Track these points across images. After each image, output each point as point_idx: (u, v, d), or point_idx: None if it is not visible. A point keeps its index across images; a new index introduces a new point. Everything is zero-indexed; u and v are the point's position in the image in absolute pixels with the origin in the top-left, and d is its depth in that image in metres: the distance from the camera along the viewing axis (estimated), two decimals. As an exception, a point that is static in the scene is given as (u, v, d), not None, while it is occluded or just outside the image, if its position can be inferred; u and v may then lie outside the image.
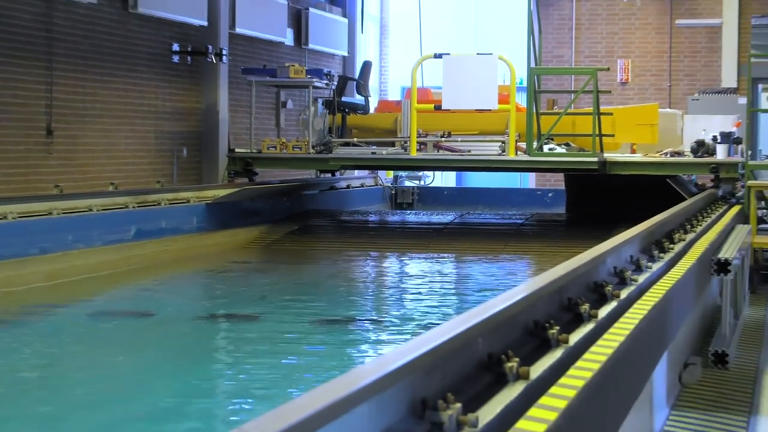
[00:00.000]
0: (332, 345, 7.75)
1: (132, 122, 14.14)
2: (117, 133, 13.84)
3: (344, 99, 15.60)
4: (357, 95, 16.34)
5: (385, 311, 9.50)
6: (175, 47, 14.97)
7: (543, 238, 13.75)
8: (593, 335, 3.78)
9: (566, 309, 4.06)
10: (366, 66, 16.70)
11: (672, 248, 6.73)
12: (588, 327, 3.90)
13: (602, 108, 13.90)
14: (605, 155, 13.59)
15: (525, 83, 14.03)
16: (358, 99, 16.20)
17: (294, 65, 14.99)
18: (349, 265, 12.43)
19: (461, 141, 14.27)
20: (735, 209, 11.22)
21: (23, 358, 7.33)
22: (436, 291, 10.53)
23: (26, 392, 6.35)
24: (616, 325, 3.96)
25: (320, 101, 15.13)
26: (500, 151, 13.81)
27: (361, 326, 8.65)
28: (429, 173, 19.20)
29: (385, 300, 10.22)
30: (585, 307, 4.06)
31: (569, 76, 21.28)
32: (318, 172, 16.75)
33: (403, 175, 19.24)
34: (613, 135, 14.15)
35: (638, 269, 5.60)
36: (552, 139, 14.18)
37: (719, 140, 13.48)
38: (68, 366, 7.14)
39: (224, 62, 15.55)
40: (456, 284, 11.36)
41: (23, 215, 9.85)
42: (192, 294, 10.61)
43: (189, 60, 15.26)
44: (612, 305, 4.40)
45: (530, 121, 13.48)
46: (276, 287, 10.57)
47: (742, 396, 6.33)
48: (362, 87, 16.03)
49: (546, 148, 13.82)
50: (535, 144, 13.48)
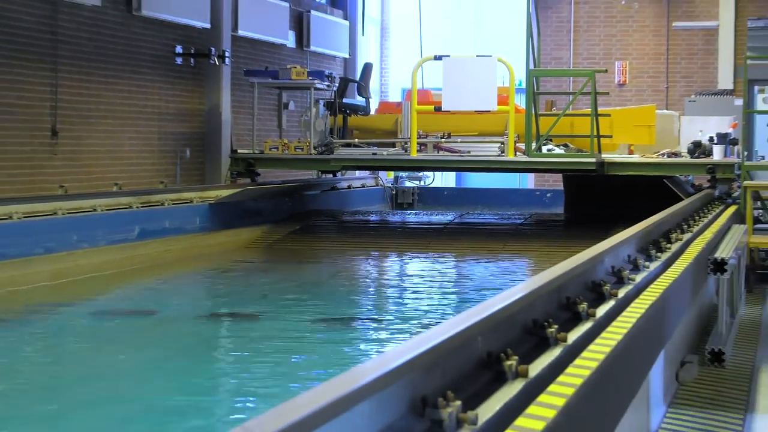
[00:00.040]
0: (333, 343, 7.75)
1: (136, 123, 14.12)
2: (121, 134, 13.81)
3: (345, 100, 15.53)
4: (358, 97, 16.32)
5: (386, 310, 9.51)
6: (179, 49, 14.95)
7: (542, 238, 13.74)
8: (591, 334, 3.78)
9: (565, 308, 4.06)
10: (367, 68, 16.64)
11: (669, 248, 6.72)
12: (586, 326, 3.91)
13: (600, 109, 13.92)
14: (603, 156, 13.58)
15: (524, 85, 14.00)
16: (359, 100, 16.18)
17: (296, 67, 14.97)
18: (350, 265, 12.44)
19: (461, 142, 14.23)
20: (731, 209, 11.24)
21: (27, 357, 7.33)
22: (436, 290, 10.53)
23: (28, 390, 6.34)
24: (614, 324, 3.95)
25: (322, 103, 15.05)
26: (499, 152, 13.81)
27: (362, 325, 8.65)
28: (429, 174, 19.12)
29: (386, 299, 10.23)
30: (583, 306, 4.07)
31: (568, 78, 21.12)
32: (319, 173, 16.76)
33: (404, 176, 19.15)
34: (611, 136, 14.14)
35: (636, 269, 5.58)
36: (550, 140, 14.17)
37: (716, 141, 13.50)
38: (71, 364, 7.12)
39: (227, 64, 15.52)
40: (455, 283, 11.31)
41: (28, 215, 9.87)
42: (194, 293, 10.62)
43: (192, 62, 15.23)
44: (610, 304, 4.40)
45: (529, 123, 13.50)
46: (278, 286, 10.59)
47: (739, 394, 6.34)
48: (363, 88, 15.98)
49: (545, 149, 13.81)
50: (534, 145, 13.48)
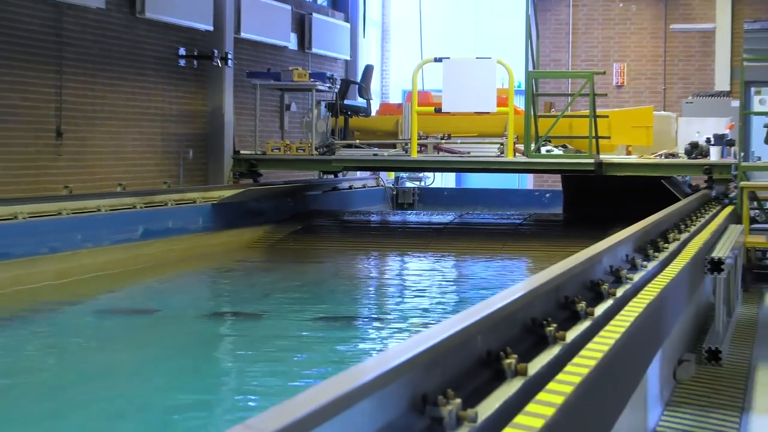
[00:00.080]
0: (334, 342, 7.75)
1: (139, 125, 14.16)
2: (125, 135, 13.86)
3: (347, 102, 15.56)
4: (359, 98, 16.31)
5: (387, 309, 9.50)
6: (182, 51, 14.99)
7: (540, 238, 13.75)
8: (590, 332, 3.79)
9: (563, 307, 4.07)
10: (368, 69, 16.64)
11: (666, 248, 6.72)
12: (585, 324, 3.91)
13: (598, 111, 13.93)
14: (601, 157, 13.60)
15: (523, 86, 13.98)
16: (360, 102, 16.18)
17: (297, 69, 14.95)
18: (352, 264, 12.45)
19: (461, 143, 14.23)
20: (728, 209, 11.27)
21: (30, 354, 7.33)
22: (436, 289, 10.53)
23: (31, 387, 6.36)
24: (612, 323, 3.96)
25: (323, 104, 15.06)
26: (499, 153, 13.82)
27: (363, 323, 8.67)
28: (429, 174, 19.11)
29: (387, 298, 10.23)
30: (582, 305, 4.08)
31: (566, 80, 21.08)
32: (321, 174, 16.77)
33: (404, 176, 19.14)
34: (609, 137, 14.13)
35: (633, 268, 5.59)
36: (549, 141, 14.17)
37: (712, 142, 13.50)
38: (74, 362, 7.13)
39: (230, 66, 15.56)
40: (455, 283, 11.31)
41: (33, 215, 9.89)
42: (197, 292, 10.57)
43: (195, 64, 15.27)
44: (608, 303, 4.41)
45: (528, 124, 13.51)
46: (279, 286, 10.59)
47: (735, 392, 6.36)
48: (364, 90, 16.00)
49: (543, 150, 13.83)
50: (533, 146, 13.50)
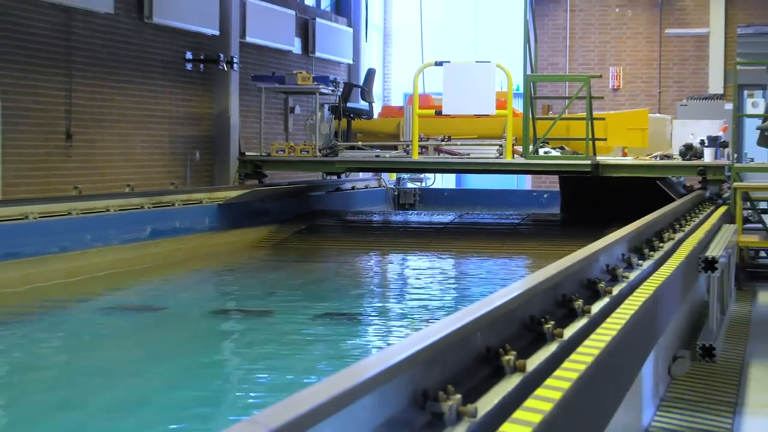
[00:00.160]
0: (337, 338, 7.80)
1: (147, 127, 14.23)
2: (133, 138, 13.93)
3: (349, 104, 15.65)
4: (361, 101, 16.35)
5: (388, 306, 9.55)
6: (189, 55, 15.07)
7: (539, 238, 13.83)
8: (587, 330, 3.82)
9: (561, 305, 4.10)
10: (370, 73, 16.71)
11: (661, 247, 6.75)
12: (582, 322, 3.95)
13: (595, 113, 13.99)
14: (598, 158, 13.69)
15: (521, 89, 14.05)
16: (363, 105, 16.23)
17: (301, 72, 15.10)
18: (354, 263, 12.54)
19: (461, 145, 14.32)
20: (721, 210, 11.33)
21: (40, 351, 7.38)
22: (437, 287, 10.59)
23: (41, 383, 6.39)
24: (609, 320, 3.99)
25: (326, 107, 15.18)
26: (498, 155, 13.92)
27: (365, 321, 8.73)
28: (430, 175, 19.15)
29: (388, 296, 10.28)
30: (579, 303, 4.11)
31: (563, 83, 20.83)
32: (324, 175, 16.80)
33: (406, 177, 19.20)
34: (606, 139, 14.28)
35: (629, 267, 5.61)
36: (547, 143, 14.30)
37: (706, 144, 13.61)
38: (82, 358, 7.19)
39: (235, 70, 15.61)
40: (455, 281, 11.38)
41: (44, 215, 9.97)
42: (203, 290, 10.61)
43: (202, 68, 15.33)
44: (604, 301, 4.43)
45: (526, 126, 13.62)
46: (284, 284, 10.69)
47: (729, 388, 6.42)
48: (366, 93, 16.04)
49: (541, 152, 13.95)
50: (531, 147, 13.62)
